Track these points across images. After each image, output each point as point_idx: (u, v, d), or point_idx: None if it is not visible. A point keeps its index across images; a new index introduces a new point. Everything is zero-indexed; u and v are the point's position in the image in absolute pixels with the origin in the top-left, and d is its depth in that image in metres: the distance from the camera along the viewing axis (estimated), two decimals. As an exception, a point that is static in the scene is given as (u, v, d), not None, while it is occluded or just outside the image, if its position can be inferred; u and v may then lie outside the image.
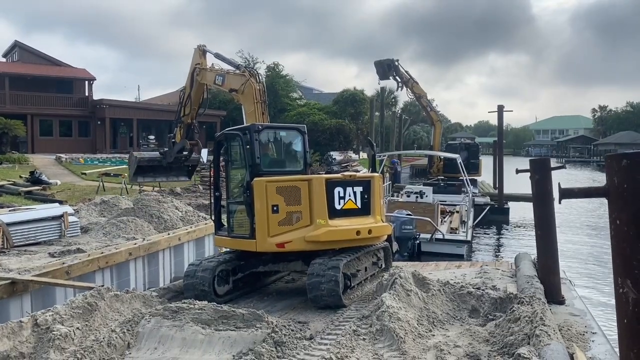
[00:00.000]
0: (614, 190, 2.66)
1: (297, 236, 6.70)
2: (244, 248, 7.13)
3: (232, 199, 7.52)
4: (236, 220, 7.29)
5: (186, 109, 12.44)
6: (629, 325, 2.62)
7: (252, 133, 7.06)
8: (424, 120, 66.00)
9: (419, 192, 16.84)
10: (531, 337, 4.62)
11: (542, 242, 6.70)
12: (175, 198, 16.21)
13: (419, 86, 28.65)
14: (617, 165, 2.63)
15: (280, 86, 46.97)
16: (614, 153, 2.73)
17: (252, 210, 6.81)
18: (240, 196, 7.16)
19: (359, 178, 7.31)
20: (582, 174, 59.52)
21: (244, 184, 7.04)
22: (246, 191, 6.91)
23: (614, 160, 2.65)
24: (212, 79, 11.28)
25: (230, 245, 7.47)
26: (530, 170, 6.48)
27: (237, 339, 4.95)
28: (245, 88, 10.07)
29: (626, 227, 2.60)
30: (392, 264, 8.18)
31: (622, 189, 2.61)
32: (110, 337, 4.84)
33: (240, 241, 7.11)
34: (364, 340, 5.07)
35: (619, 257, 2.67)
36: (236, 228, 7.29)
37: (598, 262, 16.30)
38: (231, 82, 10.64)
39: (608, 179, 2.70)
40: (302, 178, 7.02)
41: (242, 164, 7.33)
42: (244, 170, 7.26)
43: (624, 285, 2.61)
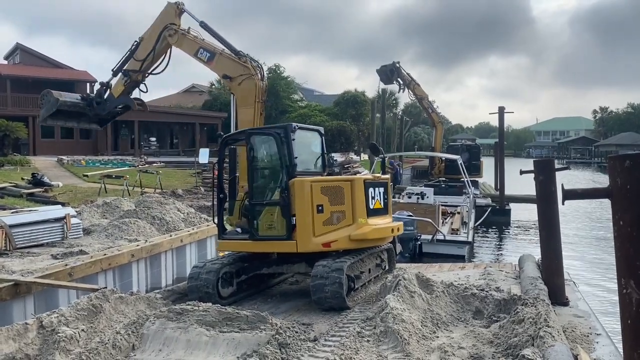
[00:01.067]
0: (617, 192, 2.65)
1: (342, 235, 6.79)
2: (274, 250, 7.14)
3: (258, 200, 7.16)
4: (264, 221, 7.04)
5: (144, 64, 10.06)
6: (632, 325, 2.61)
7: (288, 133, 7.00)
8: (424, 122, 66.06)
9: (420, 194, 16.84)
10: (535, 339, 4.61)
11: (546, 243, 6.69)
12: (176, 200, 16.24)
13: (420, 88, 28.71)
14: (620, 166, 2.62)
15: (282, 88, 47.10)
16: (617, 154, 2.73)
17: (290, 210, 6.79)
18: (270, 197, 7.13)
19: (381, 179, 7.59)
20: (582, 175, 59.48)
21: (281, 184, 6.98)
22: (284, 192, 6.87)
23: (617, 161, 2.65)
24: (194, 50, 9.17)
25: (245, 248, 7.23)
26: (535, 171, 6.48)
27: (242, 341, 4.95)
28: (244, 82, 8.64)
29: (629, 227, 2.59)
30: (395, 266, 8.19)
31: (625, 190, 2.60)
32: (115, 338, 4.85)
33: (270, 243, 7.02)
34: (368, 342, 5.07)
35: (622, 258, 2.66)
36: (264, 230, 7.03)
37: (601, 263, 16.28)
38: (224, 65, 8.86)
39: (611, 180, 2.69)
40: (345, 178, 7.40)
41: (272, 164, 7.31)
42: (272, 171, 7.33)
43: (628, 285, 2.60)
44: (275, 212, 6.94)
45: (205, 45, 9.05)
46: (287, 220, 6.80)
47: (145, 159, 32.32)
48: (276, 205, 6.93)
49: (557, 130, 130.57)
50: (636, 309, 2.57)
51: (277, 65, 48.76)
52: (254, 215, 7.07)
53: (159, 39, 9.64)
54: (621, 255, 2.67)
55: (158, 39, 9.67)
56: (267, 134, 7.34)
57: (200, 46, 9.03)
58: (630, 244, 2.61)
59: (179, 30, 9.49)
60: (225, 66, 8.80)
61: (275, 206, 6.95)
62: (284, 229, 6.85)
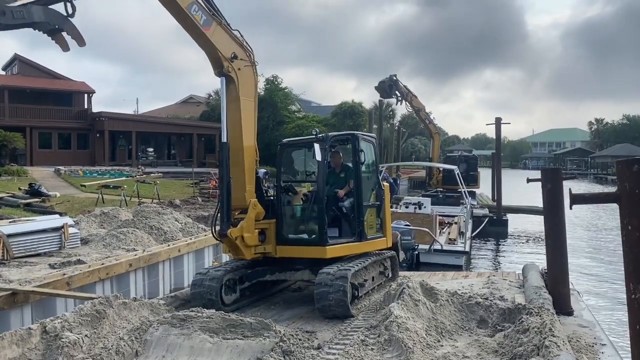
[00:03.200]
0: (625, 196, 2.65)
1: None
2: (374, 249, 7.59)
3: (365, 202, 7.41)
4: (368, 223, 7.44)
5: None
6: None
7: (377, 140, 8.01)
8: (421, 133, 66.33)
9: (417, 203, 16.92)
10: (540, 348, 4.58)
11: (552, 252, 6.67)
12: (174, 210, 16.20)
13: (417, 100, 28.87)
14: (629, 170, 2.63)
15: (279, 99, 47.19)
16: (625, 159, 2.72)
17: (381, 211, 7.71)
18: (370, 199, 7.64)
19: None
20: (578, 187, 59.68)
21: (378, 187, 7.81)
22: (383, 194, 7.77)
23: (625, 166, 2.64)
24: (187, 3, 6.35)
25: (353, 251, 7.21)
26: (542, 180, 6.48)
27: (245, 348, 4.90)
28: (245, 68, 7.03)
29: (638, 232, 2.59)
30: (398, 274, 8.18)
31: (634, 194, 2.60)
32: (119, 344, 4.80)
33: (371, 243, 7.45)
34: (372, 350, 5.03)
35: (630, 262, 2.66)
36: (368, 230, 7.39)
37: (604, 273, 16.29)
38: (221, 38, 6.77)
39: (619, 185, 2.69)
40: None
41: (370, 167, 7.78)
42: (370, 174, 7.79)
43: (637, 290, 2.60)
44: (373, 214, 7.60)
45: (202, 3, 6.57)
46: (382, 220, 7.72)
47: (143, 170, 32.25)
48: (374, 207, 7.63)
49: (553, 142, 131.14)
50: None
51: (274, 77, 48.96)
52: (358, 218, 7.24)
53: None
54: (629, 259, 2.67)
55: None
56: (368, 140, 7.89)
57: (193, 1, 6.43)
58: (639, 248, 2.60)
59: None
60: (222, 40, 6.76)
61: (374, 208, 7.63)
62: (378, 229, 7.65)
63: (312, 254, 6.92)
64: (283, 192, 7.32)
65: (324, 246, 6.81)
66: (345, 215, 7.30)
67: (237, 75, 6.82)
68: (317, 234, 6.94)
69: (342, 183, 7.50)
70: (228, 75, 6.74)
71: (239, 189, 6.79)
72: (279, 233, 7.10)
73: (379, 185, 7.81)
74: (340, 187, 7.43)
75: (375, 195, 7.73)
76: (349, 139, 7.54)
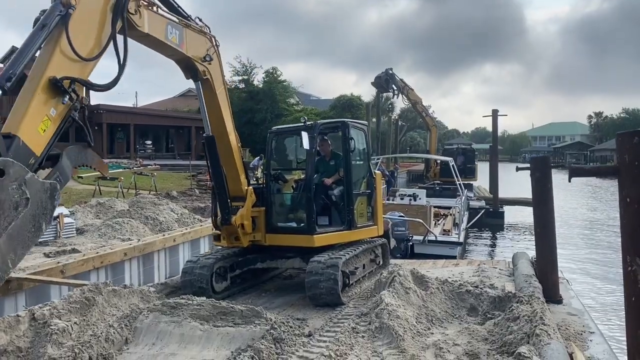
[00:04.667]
0: (624, 168, 2.63)
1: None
2: (364, 237, 7.60)
3: (355, 191, 7.34)
4: (358, 211, 7.41)
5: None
6: (637, 303, 2.59)
7: (369, 128, 7.90)
8: (420, 127, 66.24)
9: (413, 195, 16.99)
10: (531, 336, 4.60)
11: (541, 240, 6.70)
12: (171, 201, 16.19)
13: (414, 92, 28.89)
14: (629, 142, 2.60)
15: (278, 91, 47.09)
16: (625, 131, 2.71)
17: (372, 199, 7.70)
18: (360, 187, 7.62)
19: None
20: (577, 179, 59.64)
21: (369, 176, 7.77)
22: (371, 183, 7.73)
23: (626, 138, 2.62)
24: (163, 29, 5.65)
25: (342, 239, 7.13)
26: (531, 168, 6.49)
27: (236, 335, 4.92)
28: (214, 56, 6.53)
29: (636, 205, 2.58)
30: (389, 261, 8.20)
31: (633, 166, 2.58)
32: (108, 332, 4.80)
33: (361, 231, 7.45)
34: (363, 338, 5.06)
35: (628, 235, 2.64)
36: (358, 218, 7.38)
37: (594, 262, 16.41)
38: (192, 42, 6.15)
39: (619, 157, 2.67)
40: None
41: (361, 156, 7.79)
42: (360, 163, 7.75)
43: (633, 263, 2.59)
44: (364, 202, 7.58)
45: (169, 21, 5.82)
46: (372, 209, 7.69)
47: (141, 162, 32.21)
48: (365, 196, 7.62)
49: (553, 135, 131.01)
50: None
51: (274, 69, 48.84)
52: (348, 206, 7.18)
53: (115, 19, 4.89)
54: (627, 232, 2.65)
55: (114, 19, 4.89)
56: (359, 127, 7.75)
57: (167, 23, 5.75)
58: (637, 220, 2.59)
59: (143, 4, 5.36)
60: (192, 42, 6.17)
61: (365, 196, 7.61)
62: (369, 217, 7.65)
63: (301, 243, 6.91)
64: (273, 180, 7.30)
65: (312, 235, 6.80)
66: (335, 204, 7.29)
67: (211, 75, 6.53)
68: (306, 222, 6.90)
69: (332, 171, 7.50)
70: (204, 79, 6.47)
71: (234, 178, 6.93)
72: (269, 221, 7.10)
73: (370, 174, 7.77)
74: (330, 175, 7.42)
75: (366, 183, 7.71)
76: (338, 127, 7.50)
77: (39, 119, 4.16)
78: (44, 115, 4.22)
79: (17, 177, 3.38)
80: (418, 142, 70.72)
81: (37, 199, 3.57)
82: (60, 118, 4.40)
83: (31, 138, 4.05)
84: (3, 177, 3.26)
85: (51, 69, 4.28)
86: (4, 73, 4.01)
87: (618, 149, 2.69)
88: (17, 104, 4.15)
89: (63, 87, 4.30)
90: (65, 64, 4.40)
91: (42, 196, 3.61)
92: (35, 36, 4.22)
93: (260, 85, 48.49)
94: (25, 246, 3.54)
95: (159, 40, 5.62)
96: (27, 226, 3.48)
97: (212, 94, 6.65)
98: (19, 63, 4.10)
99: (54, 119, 4.30)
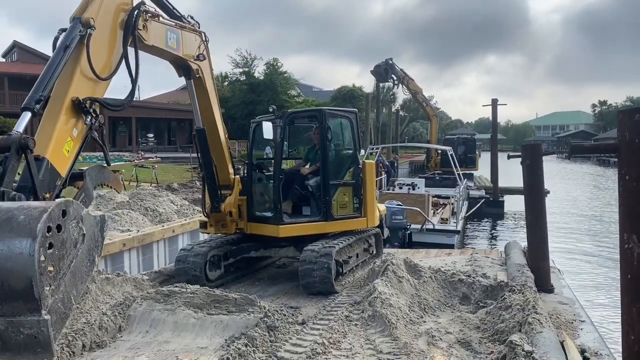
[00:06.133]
0: (624, 146, 2.63)
1: (377, 212, 7.84)
2: (347, 229, 7.31)
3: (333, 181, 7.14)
4: (338, 202, 7.16)
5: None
6: (632, 280, 2.60)
7: (357, 116, 7.59)
8: (423, 117, 66.03)
9: (411, 184, 17.08)
10: (523, 325, 4.64)
11: (532, 228, 6.71)
12: (171, 193, 16.25)
13: (414, 83, 28.84)
14: (630, 120, 2.60)
15: (279, 83, 47.00)
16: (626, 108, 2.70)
17: (361, 190, 7.32)
18: (342, 178, 7.36)
19: None
20: (579, 169, 59.50)
21: (355, 165, 7.37)
22: (358, 172, 7.33)
23: (626, 115, 2.61)
24: (164, 37, 5.71)
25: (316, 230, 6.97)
26: (522, 156, 6.49)
27: (230, 323, 4.95)
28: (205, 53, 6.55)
29: (635, 182, 2.58)
30: (382, 250, 8.23)
31: (633, 144, 2.57)
32: (102, 320, 4.84)
33: (343, 222, 7.21)
34: (356, 326, 5.09)
35: (625, 213, 2.65)
36: (338, 210, 7.14)
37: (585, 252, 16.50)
38: (188, 43, 6.20)
39: (619, 135, 2.65)
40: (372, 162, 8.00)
41: (344, 146, 7.63)
42: (343, 153, 7.59)
43: (630, 240, 2.59)
44: (348, 193, 7.26)
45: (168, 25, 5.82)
46: (360, 200, 7.32)
47: (142, 155, 32.28)
48: (349, 186, 7.29)
49: (557, 125, 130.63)
50: (638, 263, 2.56)
51: (274, 60, 48.72)
52: (324, 196, 7.01)
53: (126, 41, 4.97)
54: (625, 210, 2.66)
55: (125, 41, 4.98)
56: (342, 116, 7.57)
57: (166, 28, 5.78)
58: (635, 198, 2.59)
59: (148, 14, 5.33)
60: (188, 43, 6.20)
61: (349, 187, 7.29)
62: (352, 208, 7.30)
63: (269, 232, 6.96)
64: (255, 169, 7.30)
65: (277, 225, 6.83)
66: (313, 194, 7.23)
67: (202, 72, 6.59)
68: (272, 212, 6.94)
69: None
70: (197, 77, 6.56)
71: (223, 168, 7.08)
72: (249, 210, 7.19)
73: (357, 164, 7.39)
74: None
75: (351, 173, 7.39)
76: (315, 116, 7.41)
77: (64, 140, 4.26)
78: (68, 136, 4.31)
79: (75, 215, 3.41)
80: (421, 133, 70.60)
81: (91, 233, 3.61)
82: (81, 138, 4.48)
83: (58, 159, 4.14)
84: (65, 218, 3.31)
85: (73, 90, 4.36)
86: (33, 95, 4.08)
87: (618, 127, 2.67)
88: (43, 125, 4.23)
89: (86, 107, 4.40)
90: (85, 84, 4.50)
91: (95, 230, 3.66)
92: (58, 57, 4.28)
93: (261, 77, 48.39)
94: (83, 281, 3.59)
95: (160, 49, 5.73)
96: (84, 261, 3.53)
97: (203, 89, 6.77)
98: (45, 85, 4.14)
99: (76, 139, 4.39)
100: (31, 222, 3.03)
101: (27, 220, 3.05)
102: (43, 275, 3.03)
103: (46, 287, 3.07)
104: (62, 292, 3.26)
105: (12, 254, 3.00)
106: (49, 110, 4.28)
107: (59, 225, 3.20)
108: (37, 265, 2.96)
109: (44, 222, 3.03)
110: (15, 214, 3.10)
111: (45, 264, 3.05)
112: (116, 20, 4.89)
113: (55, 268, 3.18)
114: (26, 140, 3.74)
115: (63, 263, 3.27)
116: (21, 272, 2.97)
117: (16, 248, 2.99)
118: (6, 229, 3.03)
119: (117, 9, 4.91)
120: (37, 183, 3.81)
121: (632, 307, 2.64)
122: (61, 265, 3.25)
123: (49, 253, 3.09)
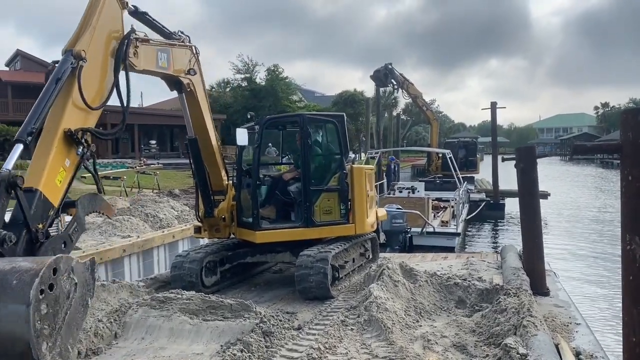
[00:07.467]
0: (627, 146, 2.60)
1: (373, 218, 7.69)
2: (332, 235, 7.14)
3: (316, 186, 7.04)
4: (320, 207, 7.03)
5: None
6: (634, 282, 2.59)
7: (344, 121, 7.39)
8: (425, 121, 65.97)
9: (411, 188, 17.14)
10: (518, 328, 4.65)
11: (527, 231, 6.71)
12: (172, 199, 16.31)
13: (414, 87, 28.89)
14: (633, 120, 2.58)
15: (281, 88, 47.08)
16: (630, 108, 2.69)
17: (348, 196, 7.09)
18: (327, 183, 7.18)
19: None
20: (581, 171, 59.31)
21: (341, 171, 7.13)
22: (345, 178, 7.11)
23: (630, 115, 2.60)
24: (154, 59, 5.78)
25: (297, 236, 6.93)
26: (516, 159, 6.50)
27: (225, 329, 4.97)
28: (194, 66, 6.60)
29: (638, 182, 2.56)
30: (379, 255, 8.24)
31: (637, 144, 2.56)
32: (97, 326, 4.87)
33: (326, 229, 7.05)
34: (352, 331, 5.10)
35: (628, 213, 2.63)
36: (323, 216, 7.01)
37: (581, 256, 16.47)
38: (178, 59, 6.23)
39: (622, 135, 2.64)
40: (371, 167, 7.84)
41: (329, 151, 7.48)
42: (327, 157, 7.46)
43: (632, 242, 2.57)
44: (334, 198, 7.09)
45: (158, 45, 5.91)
46: (346, 205, 7.09)
47: (145, 162, 32.34)
48: (334, 192, 7.10)
49: (560, 127, 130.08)
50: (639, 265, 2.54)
51: (275, 66, 48.80)
52: (306, 202, 6.93)
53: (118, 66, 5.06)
54: (627, 211, 2.64)
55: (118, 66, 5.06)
56: (327, 120, 7.46)
57: (157, 49, 5.85)
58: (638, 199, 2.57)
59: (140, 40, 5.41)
60: (178, 59, 6.24)
61: (334, 192, 7.10)
62: (338, 214, 7.10)
63: (250, 238, 7.01)
64: (245, 175, 7.31)
65: (254, 230, 6.86)
66: (295, 200, 7.20)
67: (194, 86, 6.63)
68: (252, 217, 6.96)
69: None
70: (188, 91, 6.62)
71: (216, 174, 7.30)
72: (238, 215, 7.28)
73: (343, 169, 7.14)
74: None
75: (337, 178, 7.17)
76: (295, 121, 7.39)
77: (56, 172, 4.32)
78: (60, 167, 4.37)
79: (66, 269, 3.47)
80: (423, 137, 70.54)
81: (82, 279, 3.67)
82: (74, 168, 4.56)
83: (50, 190, 4.20)
84: (56, 275, 3.35)
85: (65, 122, 4.42)
86: (25, 127, 4.14)
87: (621, 127, 2.66)
88: (36, 156, 4.30)
89: (78, 138, 4.47)
90: (77, 115, 4.56)
91: (86, 275, 3.73)
92: (50, 89, 4.32)
93: (263, 82, 48.49)
94: (78, 327, 3.67)
95: (151, 70, 5.81)
96: (78, 309, 3.60)
97: (195, 101, 6.84)
98: (37, 117, 4.20)
99: (68, 169, 4.46)
100: (24, 288, 3.08)
101: (19, 286, 3.10)
102: (40, 337, 3.10)
103: (43, 346, 3.13)
104: (59, 345, 3.32)
105: (7, 321, 3.07)
106: (41, 142, 4.35)
107: (51, 285, 3.26)
108: (32, 331, 3.03)
109: (36, 288, 3.08)
110: (8, 279, 3.15)
111: (40, 326, 3.12)
112: (107, 49, 4.97)
113: (50, 326, 3.24)
114: (14, 178, 3.83)
115: (58, 318, 3.33)
116: (18, 338, 3.05)
117: (11, 315, 3.07)
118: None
119: (109, 38, 4.98)
120: (29, 217, 3.88)
121: (633, 308, 2.64)
122: (56, 320, 3.31)
123: (44, 314, 3.15)
